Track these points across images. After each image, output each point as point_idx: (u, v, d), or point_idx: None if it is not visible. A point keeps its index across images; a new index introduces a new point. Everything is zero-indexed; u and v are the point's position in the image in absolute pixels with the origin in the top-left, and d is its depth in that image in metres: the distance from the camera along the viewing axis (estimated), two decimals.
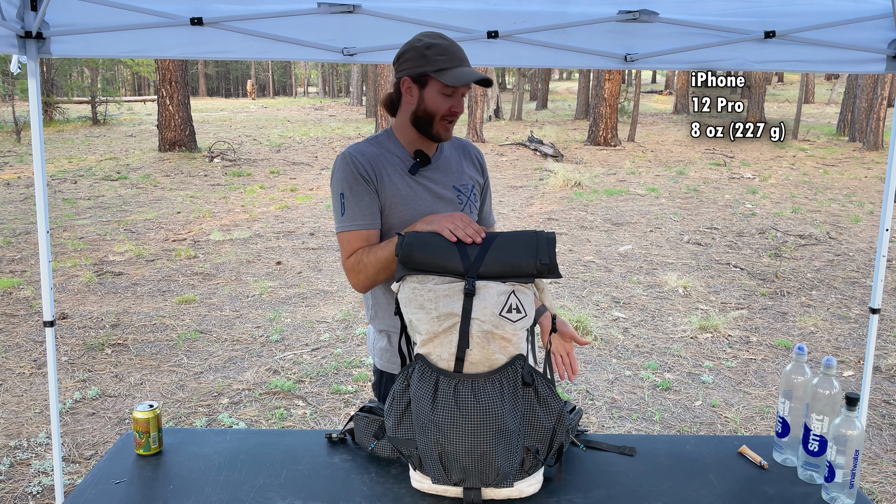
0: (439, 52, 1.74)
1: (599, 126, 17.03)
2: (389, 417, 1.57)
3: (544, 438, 1.52)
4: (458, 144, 1.97)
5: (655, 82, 51.05)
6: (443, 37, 1.78)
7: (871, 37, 2.52)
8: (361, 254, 1.75)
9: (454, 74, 1.73)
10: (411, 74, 1.76)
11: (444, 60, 1.73)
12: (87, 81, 25.30)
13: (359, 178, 1.77)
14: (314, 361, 4.40)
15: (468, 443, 1.44)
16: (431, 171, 1.86)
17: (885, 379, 4.25)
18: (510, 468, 1.48)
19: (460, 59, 1.76)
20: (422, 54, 1.74)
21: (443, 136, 1.81)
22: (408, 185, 1.81)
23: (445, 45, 1.75)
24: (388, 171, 1.80)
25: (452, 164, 1.90)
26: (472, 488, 1.50)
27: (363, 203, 1.77)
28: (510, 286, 1.51)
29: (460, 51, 1.77)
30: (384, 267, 1.72)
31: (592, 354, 4.55)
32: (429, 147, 1.87)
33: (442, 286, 1.50)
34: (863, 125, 17.42)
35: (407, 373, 1.55)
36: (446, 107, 1.76)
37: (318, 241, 7.58)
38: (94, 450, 3.35)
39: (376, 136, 1.88)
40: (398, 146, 1.85)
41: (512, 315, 1.48)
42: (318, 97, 47.33)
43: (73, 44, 2.44)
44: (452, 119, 1.79)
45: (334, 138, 18.60)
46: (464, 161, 1.94)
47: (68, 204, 9.48)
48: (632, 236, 7.95)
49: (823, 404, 1.56)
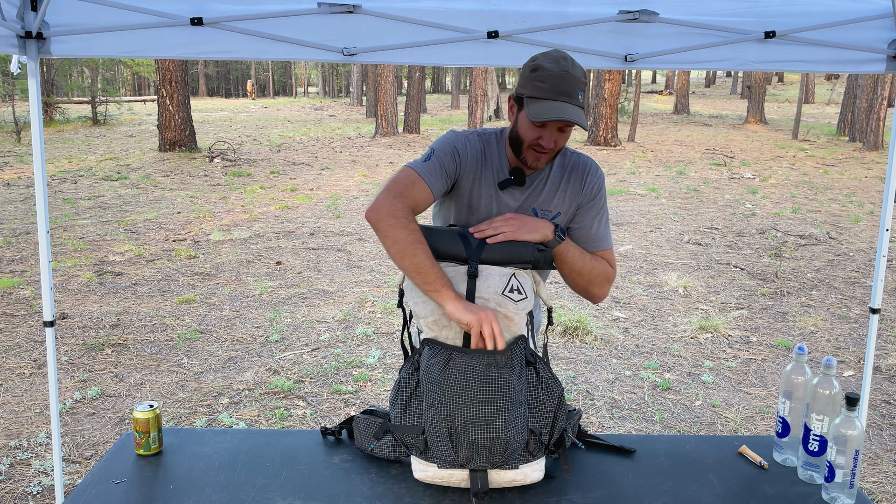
0: (541, 78, 1.60)
1: (599, 126, 17.03)
2: (396, 406, 1.60)
3: (546, 422, 1.57)
4: (571, 165, 1.81)
5: (655, 82, 51.09)
6: (560, 61, 1.61)
7: (871, 37, 2.52)
8: (417, 229, 1.58)
9: (540, 107, 1.59)
10: (514, 94, 1.69)
11: (541, 89, 1.60)
12: (87, 81, 25.29)
13: (454, 155, 1.72)
14: (314, 361, 4.40)
15: (478, 413, 1.48)
16: (520, 189, 1.77)
17: (885, 379, 4.25)
18: (517, 444, 1.51)
19: (560, 91, 1.59)
20: (527, 76, 1.64)
21: (530, 164, 1.69)
22: (489, 195, 1.76)
23: (552, 72, 1.60)
24: (480, 173, 1.75)
25: (548, 186, 1.78)
26: (478, 470, 1.51)
27: (440, 172, 1.69)
28: (510, 269, 1.60)
29: (567, 82, 1.59)
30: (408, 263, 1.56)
31: (592, 354, 4.55)
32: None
33: (447, 269, 1.58)
34: (863, 125, 17.42)
35: (413, 359, 1.59)
36: (533, 137, 1.65)
37: (318, 241, 7.58)
38: (94, 450, 3.35)
39: (492, 132, 1.80)
40: (503, 155, 1.77)
41: (514, 295, 1.56)
42: (318, 97, 47.33)
43: (73, 44, 2.44)
44: (540, 151, 1.66)
45: (334, 138, 18.60)
46: (563, 184, 1.79)
47: (68, 204, 9.48)
48: (632, 236, 7.95)
49: (823, 404, 1.56)
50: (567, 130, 1.66)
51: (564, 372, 4.26)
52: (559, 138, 1.66)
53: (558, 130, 1.64)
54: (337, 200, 9.92)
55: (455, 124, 22.52)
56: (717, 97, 38.14)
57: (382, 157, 14.73)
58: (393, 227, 1.57)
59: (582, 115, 1.61)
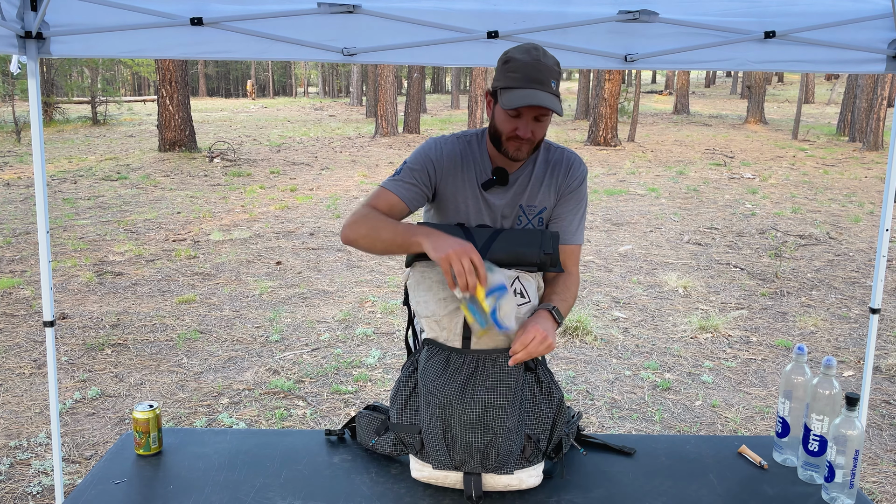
0: (513, 68, 1.59)
1: (599, 126, 17.03)
2: (395, 405, 1.60)
3: (545, 428, 1.57)
4: (553, 160, 1.80)
5: (655, 82, 51.08)
6: (531, 51, 1.60)
7: (871, 37, 2.52)
8: (376, 213, 1.65)
9: (512, 96, 1.57)
10: (490, 87, 1.68)
11: (513, 78, 1.58)
12: (87, 81, 25.29)
13: (429, 164, 1.72)
14: (314, 361, 4.40)
15: (473, 416, 1.47)
16: (505, 188, 1.75)
17: (885, 379, 4.25)
18: (511, 450, 1.50)
19: (532, 79, 1.57)
20: (499, 68, 1.63)
21: (512, 155, 1.67)
22: (474, 196, 1.74)
23: (523, 62, 1.58)
24: (461, 175, 1.73)
25: (532, 182, 1.76)
26: (472, 473, 1.51)
27: (411, 183, 1.71)
28: (515, 272, 1.58)
29: (539, 70, 1.58)
30: (375, 238, 1.60)
31: (592, 354, 4.55)
32: (514, 163, 1.74)
33: None
34: (863, 125, 17.42)
35: (413, 359, 1.59)
36: (510, 128, 1.62)
37: (318, 241, 7.58)
38: (94, 450, 3.35)
39: (472, 133, 1.80)
40: (484, 155, 1.75)
41: (516, 299, 1.54)
42: (318, 97, 47.33)
43: (73, 44, 2.44)
44: (519, 142, 1.64)
45: (334, 138, 18.60)
46: (547, 179, 1.78)
47: (68, 204, 9.48)
48: (632, 236, 7.95)
49: (823, 404, 1.56)
50: (544, 119, 1.63)
51: (564, 372, 4.26)
52: (536, 127, 1.63)
53: (534, 120, 1.62)
54: (337, 200, 9.92)
55: (455, 124, 22.52)
56: (717, 97, 38.14)
57: (382, 157, 14.73)
58: (355, 226, 1.62)
59: (555, 101, 1.58)
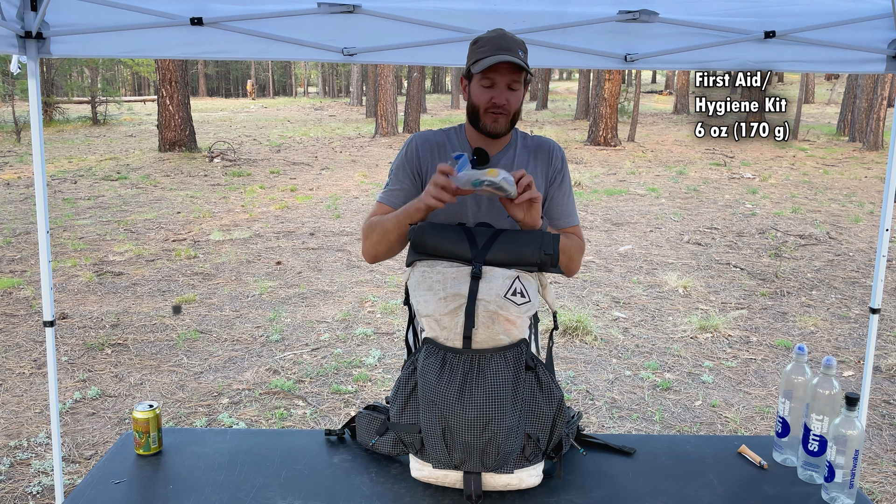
0: (482, 43, 1.67)
1: (599, 126, 17.03)
2: (395, 405, 1.60)
3: (545, 427, 1.56)
4: (534, 145, 1.84)
5: (655, 82, 51.04)
6: (497, 30, 1.70)
7: (871, 37, 2.52)
8: (375, 218, 1.76)
9: (483, 62, 1.64)
10: (464, 72, 1.75)
11: (483, 50, 1.66)
12: (87, 81, 25.30)
13: (408, 162, 1.79)
14: (314, 361, 4.40)
15: (472, 416, 1.47)
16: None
17: (885, 379, 4.25)
18: (510, 449, 1.50)
19: (500, 47, 1.64)
20: (470, 49, 1.71)
21: (490, 129, 1.71)
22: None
23: (489, 37, 1.68)
24: (443, 160, 1.77)
25: (516, 164, 1.79)
26: (472, 473, 1.51)
27: (399, 189, 1.79)
28: (515, 272, 1.57)
29: (506, 40, 1.66)
30: (385, 236, 1.71)
31: (592, 354, 4.55)
32: (494, 145, 1.78)
33: (450, 269, 1.56)
34: (863, 125, 17.42)
35: (413, 358, 1.58)
36: (486, 98, 1.68)
37: (318, 241, 7.58)
38: (94, 450, 3.35)
39: (452, 126, 1.87)
40: (464, 141, 1.81)
41: (516, 298, 1.54)
42: (318, 97, 47.32)
43: (73, 44, 2.44)
44: (497, 111, 1.68)
45: (334, 138, 18.60)
46: (532, 162, 1.81)
47: (68, 204, 9.48)
48: (632, 236, 7.95)
49: (823, 404, 1.56)
50: (517, 88, 1.69)
51: (564, 372, 4.25)
52: (511, 96, 1.69)
53: (508, 89, 1.68)
54: (337, 200, 9.92)
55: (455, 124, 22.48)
56: None
57: (382, 157, 14.73)
58: (366, 241, 1.77)
59: (524, 60, 1.65)
